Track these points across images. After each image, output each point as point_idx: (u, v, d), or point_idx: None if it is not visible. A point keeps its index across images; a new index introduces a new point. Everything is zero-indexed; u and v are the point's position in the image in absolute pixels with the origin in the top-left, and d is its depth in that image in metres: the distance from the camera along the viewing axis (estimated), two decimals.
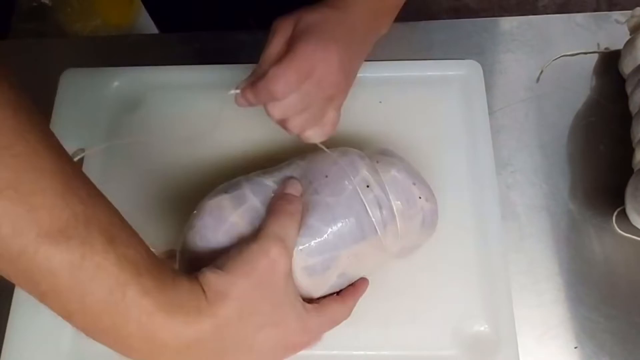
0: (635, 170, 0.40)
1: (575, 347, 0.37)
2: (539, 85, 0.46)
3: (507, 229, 0.40)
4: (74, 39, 0.42)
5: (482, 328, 0.36)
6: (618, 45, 0.45)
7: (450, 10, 0.49)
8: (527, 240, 0.40)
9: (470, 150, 0.42)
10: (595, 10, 0.49)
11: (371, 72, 0.44)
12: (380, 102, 0.44)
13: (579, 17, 0.48)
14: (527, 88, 0.46)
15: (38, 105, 0.46)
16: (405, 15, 0.39)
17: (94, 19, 0.92)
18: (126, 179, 0.42)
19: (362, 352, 0.36)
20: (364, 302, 0.37)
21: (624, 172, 0.40)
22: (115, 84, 0.45)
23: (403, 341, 0.36)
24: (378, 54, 0.46)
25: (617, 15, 0.47)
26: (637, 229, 0.39)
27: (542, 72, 0.46)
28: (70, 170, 0.25)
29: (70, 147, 0.43)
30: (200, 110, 0.43)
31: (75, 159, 0.40)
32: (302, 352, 0.36)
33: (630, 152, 0.41)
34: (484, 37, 0.48)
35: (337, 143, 0.37)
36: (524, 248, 0.40)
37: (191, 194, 0.36)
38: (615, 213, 0.40)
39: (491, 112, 0.44)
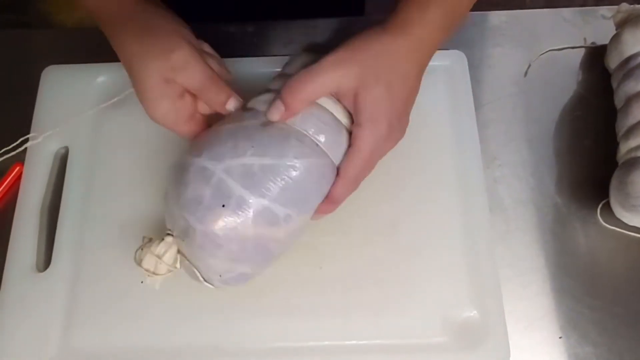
0: (619, 163, 0.40)
1: (560, 337, 0.38)
2: (527, 79, 0.46)
3: (494, 222, 0.41)
4: (58, 31, 0.41)
5: (471, 314, 0.37)
6: (604, 40, 0.45)
7: None
8: (514, 233, 0.41)
9: (458, 140, 0.42)
10: (582, 5, 0.50)
11: None
12: None
13: (566, 12, 0.49)
14: (515, 82, 0.46)
15: (20, 100, 0.46)
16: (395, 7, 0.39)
17: (79, 9, 0.90)
18: (114, 177, 0.41)
19: (353, 342, 0.36)
20: (354, 292, 0.37)
21: (609, 166, 0.41)
22: (100, 79, 0.45)
23: (394, 330, 0.37)
24: None
25: (603, 10, 0.48)
26: (621, 221, 0.40)
27: (529, 66, 0.47)
28: None
29: (52, 145, 0.43)
30: None
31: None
32: (295, 344, 0.36)
33: (615, 146, 0.41)
34: (472, 31, 0.48)
35: None
36: (511, 241, 0.40)
37: None
38: (600, 206, 0.41)
39: (479, 106, 0.45)
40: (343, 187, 0.35)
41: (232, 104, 0.35)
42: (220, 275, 0.33)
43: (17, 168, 0.43)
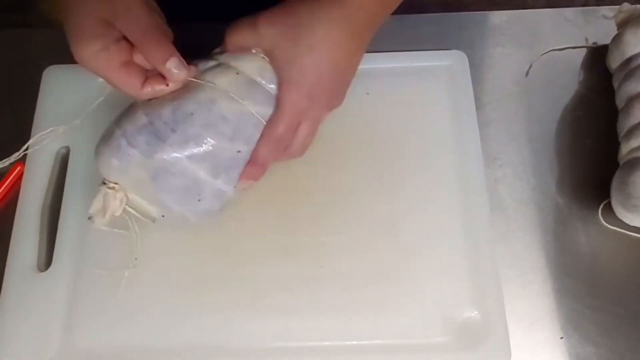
0: (621, 164, 0.40)
1: (561, 338, 0.38)
2: (528, 79, 0.46)
3: (495, 222, 0.41)
4: (59, 30, 0.41)
5: (472, 314, 0.37)
6: (606, 40, 0.45)
7: (441, 4, 0.49)
8: (515, 233, 0.41)
9: (458, 140, 0.42)
10: (583, 5, 0.50)
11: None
12: (367, 93, 0.44)
13: (567, 11, 0.48)
14: (516, 82, 0.46)
15: (21, 100, 0.45)
16: (396, 8, 0.39)
17: None
18: None
19: (354, 342, 0.36)
20: (355, 292, 0.37)
21: (610, 166, 0.41)
22: (101, 79, 0.44)
23: (394, 330, 0.37)
24: (367, 47, 0.46)
25: (605, 10, 0.48)
26: (623, 222, 0.40)
27: (531, 66, 0.46)
28: None
29: (53, 145, 0.43)
30: None
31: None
32: (295, 344, 0.36)
33: (617, 146, 0.41)
34: (473, 31, 0.48)
35: (324, 134, 0.37)
36: (512, 241, 0.40)
37: None
38: (601, 206, 0.41)
39: (480, 105, 0.45)
40: (265, 147, 0.34)
41: (172, 64, 0.32)
42: (162, 216, 0.35)
43: (18, 168, 0.43)
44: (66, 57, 0.33)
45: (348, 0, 0.33)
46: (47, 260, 0.40)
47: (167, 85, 0.33)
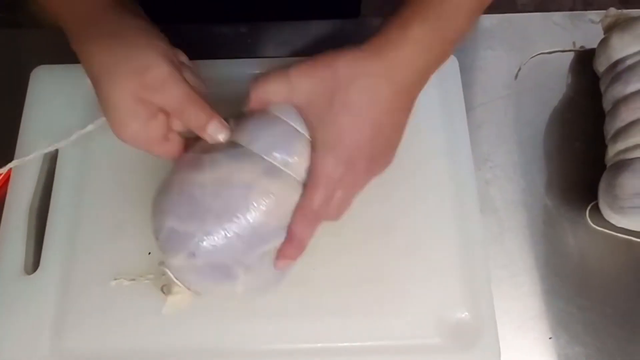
0: (608, 166, 0.41)
1: (550, 338, 0.38)
2: (518, 82, 0.47)
3: (486, 224, 0.41)
4: (48, 30, 0.41)
5: (463, 315, 0.37)
6: (593, 44, 0.46)
7: None
8: (505, 234, 0.41)
9: (449, 142, 0.42)
10: (571, 10, 0.51)
11: None
12: None
13: (556, 15, 0.49)
14: (506, 85, 0.46)
15: (10, 101, 0.45)
16: (388, 10, 0.40)
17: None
18: (104, 179, 0.41)
19: (347, 344, 0.36)
20: (348, 294, 0.37)
21: (598, 168, 0.41)
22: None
23: (387, 331, 0.37)
24: None
25: (592, 14, 0.48)
26: (610, 223, 0.40)
27: (520, 69, 0.47)
28: None
29: (42, 148, 0.42)
30: None
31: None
32: (288, 346, 0.36)
33: (604, 148, 0.42)
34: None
35: None
36: (502, 242, 0.41)
37: None
38: (589, 208, 0.41)
39: (471, 108, 0.45)
40: (302, 223, 0.31)
41: (212, 128, 0.31)
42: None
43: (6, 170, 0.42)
44: (56, 57, 0.33)
45: (392, 54, 0.30)
46: (34, 263, 0.39)
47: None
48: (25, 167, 0.42)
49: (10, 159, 0.42)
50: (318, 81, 0.30)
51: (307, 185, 0.31)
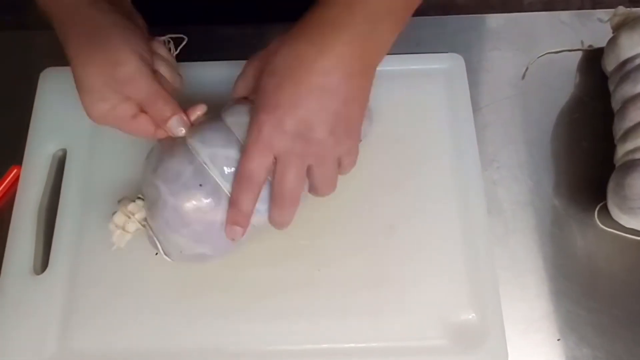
0: (617, 166, 0.40)
1: (558, 340, 0.38)
2: (525, 82, 0.46)
3: (493, 224, 0.41)
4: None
5: (469, 317, 0.37)
6: (601, 43, 0.46)
7: (438, 7, 0.49)
8: (512, 235, 0.41)
9: (456, 143, 0.42)
10: (579, 9, 0.50)
11: None
12: None
13: (563, 14, 0.49)
14: (513, 85, 0.46)
15: (18, 103, 0.45)
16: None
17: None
18: (112, 179, 0.41)
19: (352, 345, 0.36)
20: (352, 295, 0.37)
21: (606, 168, 0.41)
22: None
23: (392, 332, 0.37)
24: None
25: (600, 13, 0.48)
26: (619, 223, 0.40)
27: (527, 69, 0.47)
28: None
29: (50, 147, 0.43)
30: (185, 107, 0.43)
31: None
32: (292, 347, 0.36)
33: (612, 148, 0.41)
34: (470, 34, 0.48)
35: None
36: (509, 243, 0.41)
37: None
38: (597, 208, 0.41)
39: (477, 108, 0.45)
40: (237, 187, 0.32)
41: (172, 122, 0.33)
42: (180, 252, 0.34)
43: (15, 170, 0.43)
44: (65, 59, 0.33)
45: (316, 16, 0.30)
46: (43, 263, 0.39)
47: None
48: (34, 167, 0.42)
49: (20, 160, 0.43)
50: (258, 65, 0.33)
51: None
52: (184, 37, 0.38)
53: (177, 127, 0.34)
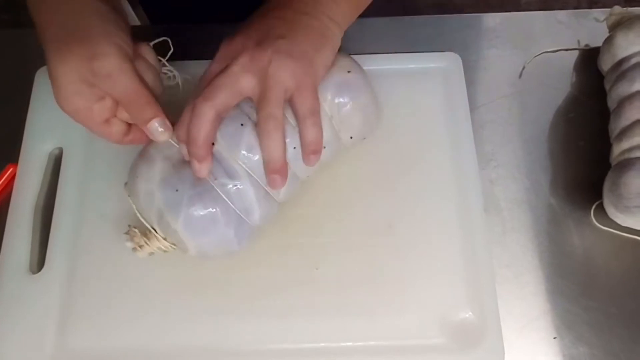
0: (612, 165, 0.41)
1: (555, 338, 0.38)
2: (522, 81, 0.47)
3: (490, 223, 0.41)
4: None
5: (466, 315, 0.37)
6: (597, 42, 0.46)
7: (435, 6, 0.50)
8: (509, 233, 0.41)
9: (453, 142, 0.42)
10: (576, 8, 0.50)
11: None
12: None
13: (560, 14, 0.49)
14: (510, 84, 0.46)
15: (14, 101, 0.45)
16: (391, 10, 0.40)
17: None
18: (108, 178, 0.41)
19: (350, 343, 0.36)
20: (350, 293, 0.37)
21: (602, 167, 0.41)
22: None
23: (390, 331, 0.37)
24: (363, 48, 0.46)
25: (596, 13, 0.48)
26: (615, 222, 0.40)
27: (524, 68, 0.47)
28: None
29: (47, 146, 0.43)
30: (183, 107, 0.43)
31: None
32: (291, 346, 0.36)
33: (608, 147, 0.42)
34: (467, 33, 0.48)
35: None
36: (506, 242, 0.41)
37: None
38: (593, 207, 0.41)
39: (475, 107, 0.45)
40: (199, 92, 0.32)
41: (153, 125, 0.32)
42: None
43: (11, 169, 0.43)
44: None
45: None
46: (39, 262, 0.39)
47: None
48: (30, 166, 0.42)
49: (16, 159, 0.42)
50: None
51: None
52: (168, 39, 0.36)
53: (159, 130, 0.32)
